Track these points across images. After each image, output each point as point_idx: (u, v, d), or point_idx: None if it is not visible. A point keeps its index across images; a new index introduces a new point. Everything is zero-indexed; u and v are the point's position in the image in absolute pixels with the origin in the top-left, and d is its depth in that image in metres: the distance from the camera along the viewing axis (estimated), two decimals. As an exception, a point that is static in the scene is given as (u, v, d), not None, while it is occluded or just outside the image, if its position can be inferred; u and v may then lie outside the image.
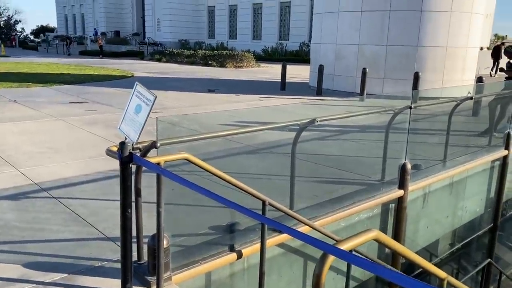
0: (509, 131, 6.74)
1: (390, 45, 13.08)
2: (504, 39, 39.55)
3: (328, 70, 14.17)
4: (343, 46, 14.05)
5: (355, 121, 7.62)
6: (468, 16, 12.96)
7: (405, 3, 12.71)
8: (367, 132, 7.87)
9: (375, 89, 13.08)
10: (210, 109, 10.46)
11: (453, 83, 13.13)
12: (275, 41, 37.35)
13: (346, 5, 13.65)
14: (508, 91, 7.30)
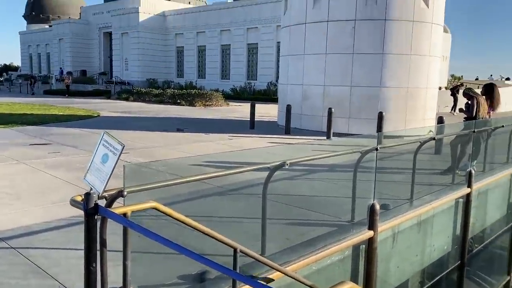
0: (470, 169, 6.98)
1: (354, 86, 13.53)
2: (461, 79, 41.79)
3: (295, 110, 14.45)
4: (309, 86, 14.43)
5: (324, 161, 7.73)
6: (426, 59, 13.65)
7: (367, 46, 13.28)
8: (336, 171, 7.98)
9: (341, 128, 13.38)
10: (180, 149, 10.37)
11: (415, 122, 13.62)
12: (244, 80, 38.00)
13: (311, 48, 14.13)
14: (467, 131, 7.62)
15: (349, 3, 13.29)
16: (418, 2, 13.23)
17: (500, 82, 38.93)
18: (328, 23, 13.65)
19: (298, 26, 14.54)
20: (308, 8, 14.13)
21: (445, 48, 35.58)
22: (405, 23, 13.12)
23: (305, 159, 4.47)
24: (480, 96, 8.59)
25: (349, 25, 13.28)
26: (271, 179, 4.08)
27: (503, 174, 8.54)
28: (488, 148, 8.53)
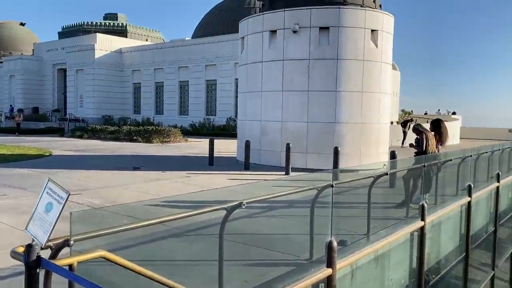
0: (422, 202, 7.19)
1: (310, 122, 13.85)
2: (411, 113, 43.76)
3: (254, 145, 14.54)
4: (267, 122, 14.63)
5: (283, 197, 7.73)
6: (377, 95, 14.25)
7: (321, 84, 13.74)
8: (295, 207, 8.00)
9: (299, 163, 13.56)
10: (136, 189, 10.09)
11: (369, 155, 14.02)
12: (203, 116, 38.03)
13: (268, 86, 14.43)
14: (418, 165, 7.90)
15: (303, 44, 13.79)
16: (367, 42, 13.91)
17: (447, 116, 41.10)
18: (284, 62, 14.06)
19: (255, 64, 14.87)
20: (264, 47, 14.52)
21: (395, 85, 37.42)
22: (356, 62, 13.72)
23: (262, 198, 4.45)
24: (429, 131, 9.00)
25: (304, 64, 13.73)
26: (229, 219, 4.02)
27: (454, 205, 8.85)
28: (438, 181, 8.85)
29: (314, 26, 13.77)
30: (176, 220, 5.39)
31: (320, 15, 13.94)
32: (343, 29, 13.75)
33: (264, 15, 14.88)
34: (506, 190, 13.27)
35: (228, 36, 35.21)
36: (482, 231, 11.40)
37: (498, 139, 26.23)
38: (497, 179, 11.41)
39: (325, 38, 13.81)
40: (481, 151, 11.28)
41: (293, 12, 14.10)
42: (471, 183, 9.56)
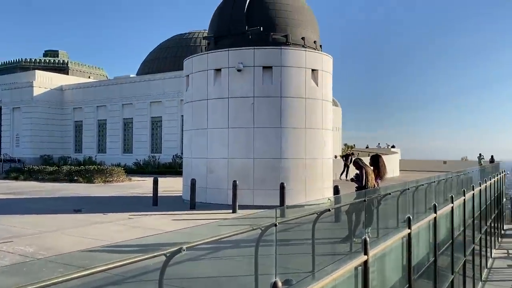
0: (365, 236, 7.36)
1: (257, 158, 13.98)
2: (353, 147, 45.43)
3: (200, 184, 14.37)
4: (213, 160, 14.59)
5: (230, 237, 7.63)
6: (319, 131, 14.72)
7: (266, 121, 14.01)
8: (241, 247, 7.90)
9: (246, 200, 13.53)
10: (75, 233, 9.57)
11: (315, 190, 14.29)
12: (147, 154, 37.22)
13: (213, 123, 14.50)
14: (358, 200, 8.14)
15: (247, 82, 14.10)
16: (308, 81, 14.47)
17: (386, 149, 43.02)
18: (229, 99, 14.25)
19: (201, 102, 14.94)
20: (209, 85, 14.68)
21: (337, 120, 38.86)
22: (299, 99, 14.18)
23: (205, 241, 4.36)
24: (368, 166, 9.36)
25: (249, 101, 13.99)
26: (172, 263, 3.89)
27: (395, 238, 9.11)
28: (380, 215, 9.14)
29: (258, 65, 14.17)
30: (114, 268, 5.15)
31: (263, 55, 14.39)
32: (285, 68, 14.24)
33: (209, 54, 15.13)
34: (443, 220, 13.93)
35: (173, 73, 35.26)
36: (424, 260, 11.80)
37: (435, 171, 27.70)
38: (434, 210, 11.96)
39: (268, 76, 14.21)
40: (419, 183, 11.83)
41: (237, 52, 14.45)
42: (410, 215, 9.95)
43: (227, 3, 16.20)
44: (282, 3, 15.72)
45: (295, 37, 15.30)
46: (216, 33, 16.04)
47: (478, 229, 17.25)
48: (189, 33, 43.60)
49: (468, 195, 14.37)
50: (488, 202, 21.07)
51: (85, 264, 4.30)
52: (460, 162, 41.00)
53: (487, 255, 20.31)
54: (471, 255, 15.17)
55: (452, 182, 14.53)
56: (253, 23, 15.13)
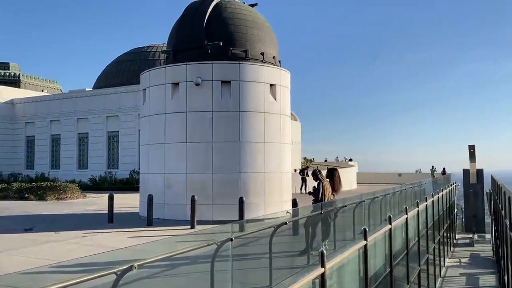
0: (322, 249, 7.42)
1: (215, 172, 13.89)
2: (312, 161, 46.08)
3: (158, 199, 14.08)
4: (171, 175, 14.35)
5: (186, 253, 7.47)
6: (278, 145, 14.84)
7: (225, 135, 13.98)
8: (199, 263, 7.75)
9: (205, 215, 13.37)
10: (24, 254, 9.09)
11: (274, 204, 14.34)
12: (104, 169, 36.16)
13: (171, 137, 14.31)
14: (315, 213, 8.22)
15: (206, 96, 14.06)
16: (267, 96, 14.62)
17: (344, 163, 43.99)
18: (187, 114, 14.13)
19: (158, 116, 14.73)
20: (167, 99, 14.51)
21: (296, 134, 39.43)
22: (257, 114, 14.27)
23: (157, 258, 4.24)
24: (325, 180, 9.50)
25: (207, 116, 13.94)
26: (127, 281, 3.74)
27: (352, 250, 9.23)
28: (337, 227, 9.26)
29: (216, 79, 14.18)
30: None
31: (222, 69, 14.42)
32: (244, 83, 14.33)
33: (166, 68, 15.00)
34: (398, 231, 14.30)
35: (131, 87, 34.66)
36: (380, 271, 12.03)
37: (390, 183, 28.52)
38: (389, 221, 12.28)
39: (227, 91, 14.24)
40: (374, 195, 12.12)
41: (196, 66, 14.41)
42: (366, 227, 10.15)
43: (186, 17, 16.19)
44: (241, 19, 15.90)
45: (254, 52, 15.47)
46: (175, 47, 15.96)
47: (431, 239, 17.82)
48: (148, 47, 43.15)
49: (422, 206, 14.82)
50: (440, 213, 21.86)
51: (27, 286, 4.08)
52: (414, 174, 42.49)
53: (440, 264, 21.00)
54: (425, 265, 15.63)
55: (406, 194, 14.99)
56: (212, 38, 15.18)
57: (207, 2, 16.26)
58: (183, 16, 16.52)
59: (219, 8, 16.08)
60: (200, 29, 15.39)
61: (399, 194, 15.13)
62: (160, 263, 6.91)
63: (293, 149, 35.54)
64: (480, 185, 34.05)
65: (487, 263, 24.15)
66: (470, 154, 33.66)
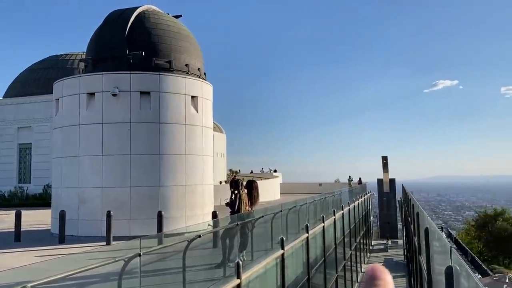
0: (237, 260, 7.47)
1: (134, 186, 13.45)
2: (238, 173, 46.36)
3: (71, 215, 13.32)
4: (86, 189, 13.66)
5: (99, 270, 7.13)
6: (200, 157, 14.76)
7: (144, 148, 13.62)
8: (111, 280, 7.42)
9: (122, 231, 12.86)
10: None
11: (195, 217, 14.19)
12: (14, 184, 33.52)
13: (86, 150, 13.65)
14: (232, 225, 8.27)
15: (124, 107, 13.64)
16: (188, 107, 14.52)
17: (269, 174, 44.78)
18: (104, 125, 13.59)
19: (72, 127, 14.00)
20: (81, 109, 13.86)
21: (222, 146, 39.52)
22: (178, 126, 14.11)
23: (57, 277, 4.00)
24: (244, 191, 9.60)
25: (125, 127, 13.49)
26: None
27: (269, 259, 9.40)
28: (255, 238, 9.37)
29: (135, 90, 13.82)
30: None
31: (141, 80, 14.09)
32: (164, 94, 14.12)
33: (81, 77, 14.35)
34: (316, 239, 14.80)
35: (45, 97, 32.59)
36: (299, 279, 12.34)
37: (311, 193, 29.50)
38: (306, 230, 12.67)
39: (146, 102, 13.93)
40: (293, 205, 12.46)
41: (113, 76, 13.94)
42: (283, 236, 10.39)
43: (107, 26, 15.67)
44: (165, 30, 15.71)
45: (178, 63, 15.33)
46: (94, 55, 15.34)
47: (348, 246, 18.65)
48: (66, 55, 41.01)
49: (338, 215, 15.49)
50: (357, 221, 23.01)
51: None
52: (334, 184, 44.34)
53: (357, 270, 22.04)
54: (343, 271, 16.30)
55: (324, 203, 15.58)
56: (135, 48, 14.83)
57: (129, 11, 15.89)
58: (104, 24, 15.97)
59: (142, 18, 15.78)
60: (122, 38, 14.97)
61: (317, 203, 15.71)
62: (66, 283, 6.53)
63: (218, 161, 35.52)
64: (392, 194, 36.45)
65: (399, 267, 25.78)
66: (383, 164, 35.94)
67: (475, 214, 54.53)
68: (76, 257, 7.26)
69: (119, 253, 6.09)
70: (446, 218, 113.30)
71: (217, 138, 34.90)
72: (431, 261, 7.15)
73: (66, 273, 4.22)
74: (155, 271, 6.92)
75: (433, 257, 6.89)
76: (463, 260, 3.58)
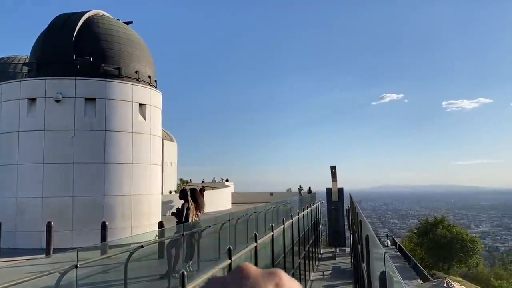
0: (183, 271, 7.36)
1: (76, 196, 12.94)
2: (189, 182, 45.78)
3: (8, 227, 12.57)
4: (25, 199, 12.98)
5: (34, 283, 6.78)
6: (147, 166, 14.46)
7: (88, 156, 13.16)
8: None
9: (64, 243, 12.31)
10: None
11: (141, 227, 13.84)
12: None
13: (26, 158, 13.01)
14: (177, 235, 8.16)
15: (67, 113, 13.14)
16: (136, 115, 14.22)
17: (221, 183, 44.58)
18: (45, 132, 13.02)
19: (10, 134, 13.30)
20: (21, 115, 13.21)
21: (173, 155, 38.90)
22: (125, 134, 13.77)
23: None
24: (191, 201, 9.49)
25: (68, 134, 13.00)
26: None
27: (215, 269, 9.33)
28: (202, 248, 9.28)
29: (79, 96, 13.36)
30: None
31: (86, 86, 13.65)
32: (111, 101, 13.75)
33: (22, 82, 13.70)
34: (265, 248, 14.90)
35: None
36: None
37: (263, 202, 29.63)
38: (255, 239, 12.72)
39: (91, 109, 13.50)
40: (241, 215, 12.47)
41: (56, 81, 13.41)
42: (231, 245, 10.38)
43: (53, 29, 15.07)
44: (115, 35, 15.34)
45: (128, 70, 14.99)
46: (39, 59, 14.69)
47: (297, 255, 18.87)
48: (9, 58, 38.99)
49: (288, 224, 15.67)
50: (306, 229, 23.37)
51: None
52: (285, 193, 44.84)
53: (306, 278, 22.33)
54: (291, 280, 16.45)
55: (273, 212, 15.72)
56: (82, 53, 14.35)
57: (78, 15, 15.40)
58: (50, 28, 15.35)
59: (91, 22, 15.33)
60: (69, 42, 14.45)
61: (266, 212, 15.82)
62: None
63: (169, 171, 34.90)
64: (341, 203, 37.42)
65: (346, 274, 26.40)
66: (332, 174, 36.86)
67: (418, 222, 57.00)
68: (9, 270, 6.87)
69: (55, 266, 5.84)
70: (392, 226, 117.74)
71: (168, 146, 34.36)
72: (370, 267, 7.39)
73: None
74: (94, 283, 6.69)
75: (372, 263, 7.13)
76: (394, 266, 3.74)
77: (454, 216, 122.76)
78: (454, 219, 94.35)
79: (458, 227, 45.94)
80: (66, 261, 5.46)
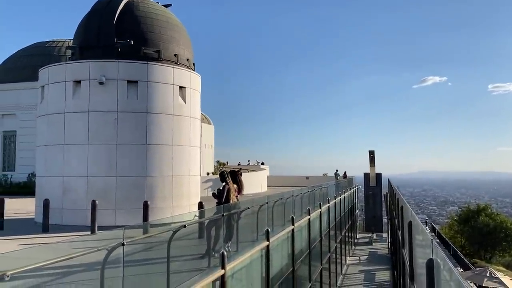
0: (222, 251, 7.47)
1: (119, 176, 13.34)
2: (226, 165, 46.30)
3: (55, 204, 13.18)
4: (71, 178, 13.52)
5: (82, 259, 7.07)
6: (187, 148, 14.69)
7: (130, 137, 13.50)
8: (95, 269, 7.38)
9: (107, 221, 12.79)
10: None
11: (181, 208, 14.15)
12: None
13: (72, 138, 13.49)
14: (217, 215, 8.26)
15: (110, 96, 13.48)
16: (176, 98, 14.41)
17: (256, 166, 44.82)
18: (90, 114, 13.43)
19: (57, 115, 13.81)
20: (67, 97, 13.67)
21: (210, 138, 39.36)
22: (166, 116, 14.00)
23: (37, 266, 3.95)
24: (231, 182, 9.59)
25: (111, 116, 13.36)
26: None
27: (253, 250, 9.42)
28: (240, 229, 9.38)
29: (122, 79, 13.66)
30: None
31: (128, 68, 13.92)
32: (152, 84, 13.98)
33: (67, 65, 14.14)
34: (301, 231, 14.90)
35: (31, 84, 32.01)
36: (284, 270, 12.43)
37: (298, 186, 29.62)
38: (292, 222, 12.74)
39: (133, 91, 13.78)
40: (278, 197, 12.49)
41: (99, 64, 13.76)
42: (269, 228, 10.43)
43: (95, 13, 15.41)
44: (154, 18, 15.51)
45: (167, 53, 15.17)
46: (82, 43, 15.10)
47: (334, 239, 18.79)
48: (53, 41, 40.31)
49: (324, 208, 15.59)
50: (342, 214, 23.20)
51: None
52: (321, 177, 44.56)
53: (342, 263, 22.27)
54: (327, 263, 16.44)
55: (310, 196, 15.66)
56: (123, 36, 14.62)
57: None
58: (91, 12, 15.70)
59: (131, 6, 15.56)
60: (110, 26, 14.74)
61: (303, 196, 15.78)
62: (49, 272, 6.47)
63: (206, 153, 35.40)
64: (378, 188, 36.80)
65: (383, 260, 26.12)
66: (370, 159, 36.24)
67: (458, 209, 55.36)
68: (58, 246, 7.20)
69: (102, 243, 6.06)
70: (430, 213, 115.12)
71: (205, 129, 34.78)
72: (413, 254, 7.24)
73: (47, 262, 4.17)
74: (139, 261, 6.91)
75: (415, 250, 6.98)
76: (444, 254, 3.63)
77: (497, 204, 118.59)
78: (497, 207, 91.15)
79: (503, 216, 44.33)
80: (113, 238, 5.65)
